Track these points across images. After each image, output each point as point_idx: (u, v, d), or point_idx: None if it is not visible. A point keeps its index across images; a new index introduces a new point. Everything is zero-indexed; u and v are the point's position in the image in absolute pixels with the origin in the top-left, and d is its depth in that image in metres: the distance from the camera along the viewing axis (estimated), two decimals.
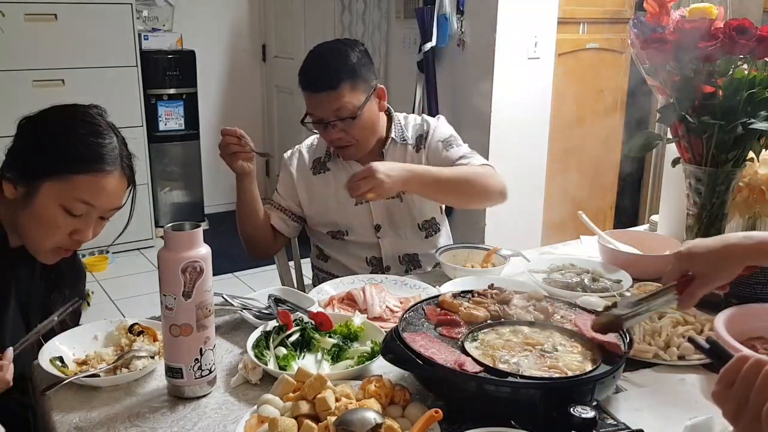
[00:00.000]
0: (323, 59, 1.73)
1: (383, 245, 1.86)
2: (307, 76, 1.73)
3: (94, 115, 1.33)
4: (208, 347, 1.14)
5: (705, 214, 1.56)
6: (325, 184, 1.86)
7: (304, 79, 1.73)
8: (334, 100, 1.68)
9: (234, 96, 5.12)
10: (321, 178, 1.87)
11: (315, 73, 1.71)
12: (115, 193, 1.31)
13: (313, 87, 1.71)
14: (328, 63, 1.71)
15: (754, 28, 1.41)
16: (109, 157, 1.28)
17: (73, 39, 3.93)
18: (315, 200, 1.87)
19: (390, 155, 1.84)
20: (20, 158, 1.29)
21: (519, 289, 1.35)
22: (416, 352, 1.06)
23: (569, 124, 3.46)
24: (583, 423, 0.94)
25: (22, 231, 1.29)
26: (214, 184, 5.06)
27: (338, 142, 1.75)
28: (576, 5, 3.38)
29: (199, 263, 1.09)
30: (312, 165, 1.88)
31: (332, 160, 1.87)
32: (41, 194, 1.25)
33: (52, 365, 1.18)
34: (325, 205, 1.86)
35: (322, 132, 1.76)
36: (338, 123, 1.71)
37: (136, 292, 3.73)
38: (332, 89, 1.68)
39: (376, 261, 1.87)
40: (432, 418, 0.96)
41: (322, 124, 1.73)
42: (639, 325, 1.29)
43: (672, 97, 1.54)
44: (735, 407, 0.74)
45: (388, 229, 1.87)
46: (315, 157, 1.89)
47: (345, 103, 1.69)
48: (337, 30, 4.10)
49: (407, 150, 1.86)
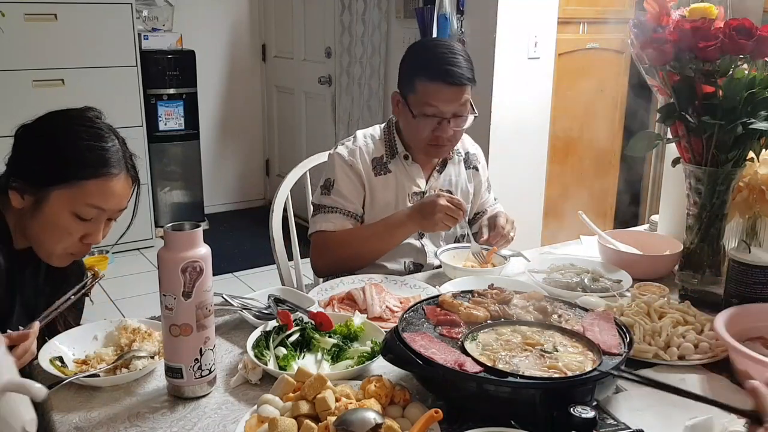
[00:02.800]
0: (457, 53, 1.71)
1: (428, 252, 1.85)
2: (445, 67, 1.68)
3: (93, 118, 1.34)
4: (208, 347, 1.14)
5: (705, 214, 1.55)
6: (385, 185, 1.82)
7: (440, 69, 1.68)
8: (464, 95, 1.70)
9: (234, 96, 5.12)
10: (382, 180, 1.82)
11: (454, 66, 1.68)
12: (123, 194, 1.32)
13: (452, 79, 1.67)
14: (462, 57, 1.71)
15: (754, 28, 1.41)
16: (114, 160, 1.29)
17: (73, 39, 3.93)
18: (375, 202, 1.82)
19: (450, 166, 1.90)
20: (25, 167, 1.29)
21: (519, 289, 1.36)
22: (416, 352, 1.06)
23: (569, 124, 3.46)
24: (583, 423, 0.94)
25: (33, 238, 1.30)
26: (214, 184, 5.07)
27: (446, 141, 1.74)
28: (576, 5, 3.38)
29: (199, 263, 1.09)
30: (372, 166, 1.82)
31: (395, 160, 1.83)
32: (51, 202, 1.26)
33: (52, 365, 1.18)
34: (383, 208, 1.81)
35: (435, 128, 1.72)
36: (453, 120, 1.72)
37: (136, 292, 3.73)
38: (467, 84, 1.70)
39: (416, 266, 1.85)
40: (432, 418, 0.96)
41: (440, 119, 1.71)
42: (639, 325, 1.29)
43: (672, 97, 1.54)
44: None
45: (429, 236, 1.87)
46: (374, 157, 1.83)
47: (467, 100, 1.72)
48: (337, 30, 4.10)
49: (461, 165, 1.93)
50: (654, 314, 1.34)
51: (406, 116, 1.76)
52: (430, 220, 1.64)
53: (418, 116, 1.71)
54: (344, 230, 1.76)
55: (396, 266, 1.82)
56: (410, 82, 1.73)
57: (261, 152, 5.37)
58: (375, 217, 1.80)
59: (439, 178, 1.87)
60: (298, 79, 4.73)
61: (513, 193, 2.93)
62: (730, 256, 1.46)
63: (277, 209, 2.02)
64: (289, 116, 4.93)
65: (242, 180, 5.33)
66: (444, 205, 1.62)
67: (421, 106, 1.70)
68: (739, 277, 1.38)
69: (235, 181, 5.30)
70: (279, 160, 5.24)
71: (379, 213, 1.79)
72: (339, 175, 1.79)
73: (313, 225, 1.80)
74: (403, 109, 1.76)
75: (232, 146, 5.22)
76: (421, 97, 1.70)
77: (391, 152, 1.83)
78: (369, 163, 1.81)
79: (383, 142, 1.84)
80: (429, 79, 1.68)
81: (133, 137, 4.28)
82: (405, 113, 1.76)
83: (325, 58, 4.35)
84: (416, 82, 1.71)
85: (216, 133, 5.11)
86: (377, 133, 1.87)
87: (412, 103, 1.72)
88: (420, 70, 1.71)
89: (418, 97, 1.71)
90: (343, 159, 1.80)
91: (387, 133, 1.85)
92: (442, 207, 1.62)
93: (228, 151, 5.21)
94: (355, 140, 1.85)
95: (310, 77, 4.51)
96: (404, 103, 1.76)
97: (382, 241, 1.74)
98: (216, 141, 5.12)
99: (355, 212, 1.80)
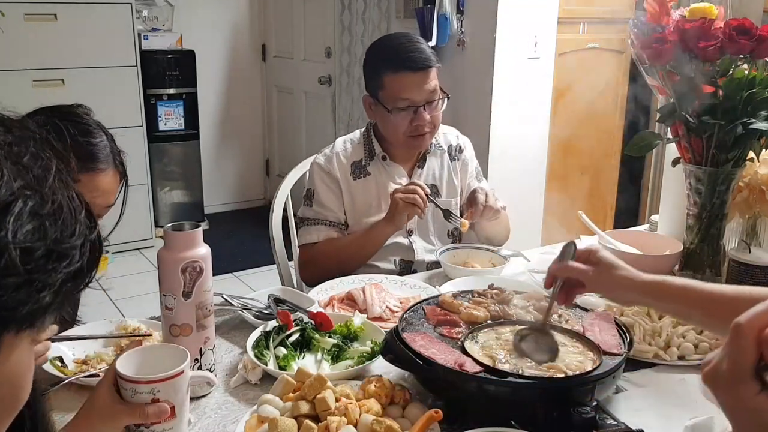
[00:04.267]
0: (414, 41, 1.75)
1: (416, 249, 1.86)
2: (406, 55, 1.70)
3: (82, 114, 1.34)
4: (208, 347, 1.14)
5: (705, 214, 1.55)
6: (365, 188, 1.83)
7: (401, 58, 1.71)
8: (430, 80, 1.72)
9: (234, 96, 5.12)
10: (361, 183, 1.83)
11: (414, 53, 1.71)
12: (111, 190, 1.32)
13: (413, 65, 1.70)
14: (421, 44, 1.74)
15: (754, 28, 1.41)
16: (101, 155, 1.29)
17: (72, 39, 3.93)
18: (357, 206, 1.83)
19: (431, 159, 1.88)
20: None
21: (519, 289, 1.36)
22: (416, 352, 1.06)
23: (569, 124, 3.46)
24: (583, 423, 0.94)
25: None
26: (214, 184, 5.07)
27: (425, 129, 1.75)
28: (576, 5, 3.37)
29: (199, 263, 1.09)
30: (351, 170, 1.83)
31: (374, 162, 1.84)
32: None
33: (52, 365, 1.18)
34: (366, 211, 1.83)
35: (412, 118, 1.73)
36: (427, 106, 1.73)
37: (136, 292, 3.73)
38: (429, 68, 1.71)
39: (405, 264, 1.85)
40: (432, 418, 0.96)
41: (414, 107, 1.72)
42: (639, 325, 1.29)
43: (672, 97, 1.54)
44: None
45: (418, 234, 1.87)
46: (353, 161, 1.84)
47: (435, 85, 1.73)
48: (337, 30, 4.10)
49: (444, 158, 1.91)
50: (654, 314, 1.34)
51: (381, 115, 1.77)
52: (396, 216, 1.68)
53: (393, 110, 1.73)
54: (328, 240, 1.79)
55: (387, 265, 1.83)
56: (377, 79, 1.75)
57: (261, 152, 5.37)
58: (358, 220, 1.83)
59: (422, 173, 1.87)
60: (298, 79, 4.73)
61: (513, 193, 2.93)
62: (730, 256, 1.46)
63: (277, 209, 2.02)
64: (289, 116, 4.93)
65: (242, 180, 5.33)
66: (399, 196, 1.66)
67: (394, 100, 1.72)
68: (739, 277, 1.38)
69: (235, 181, 5.30)
70: (279, 160, 5.24)
71: (362, 216, 1.82)
72: (318, 184, 1.82)
73: (299, 239, 1.85)
74: (377, 108, 1.78)
75: (232, 146, 5.22)
76: (391, 91, 1.72)
77: (370, 154, 1.85)
78: (348, 167, 1.83)
79: (362, 145, 1.86)
80: (394, 71, 1.71)
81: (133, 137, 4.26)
82: (380, 112, 1.77)
83: (325, 58, 4.35)
84: (383, 77, 1.73)
85: (216, 133, 5.10)
86: (356, 137, 1.89)
87: (385, 100, 1.74)
88: (383, 64, 1.73)
89: (387, 92, 1.73)
90: (320, 167, 1.83)
91: (366, 136, 1.87)
92: (398, 197, 1.66)
93: (228, 151, 5.21)
94: (333, 147, 1.87)
95: (310, 77, 4.51)
96: (376, 102, 1.77)
97: (364, 248, 1.77)
98: (216, 141, 5.12)
99: (337, 221, 1.82)
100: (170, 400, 0.96)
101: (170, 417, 0.97)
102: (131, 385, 0.95)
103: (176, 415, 0.97)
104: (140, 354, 1.03)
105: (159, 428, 0.96)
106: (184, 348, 1.02)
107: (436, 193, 1.89)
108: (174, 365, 0.97)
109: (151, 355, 1.03)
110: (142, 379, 0.95)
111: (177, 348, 1.03)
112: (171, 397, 0.96)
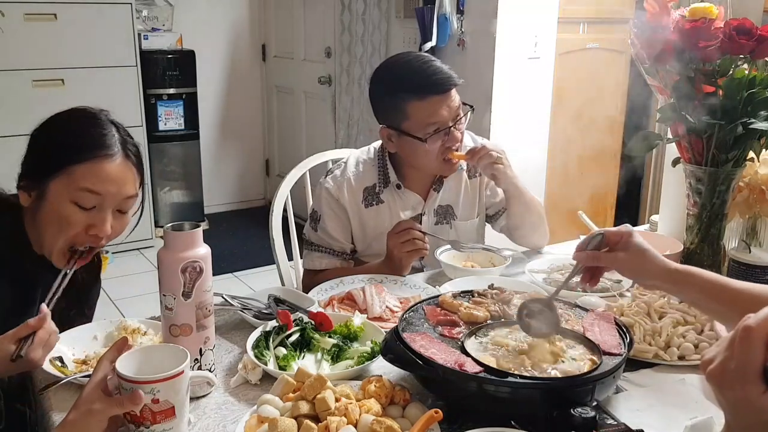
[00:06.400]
0: (429, 61, 1.64)
1: None
2: (430, 79, 1.61)
3: (95, 110, 1.34)
4: (208, 347, 1.14)
5: (705, 214, 1.55)
6: (377, 216, 1.75)
7: (426, 83, 1.61)
8: (454, 97, 1.64)
9: (234, 96, 5.12)
10: (373, 211, 1.75)
11: (437, 74, 1.61)
12: (121, 179, 1.28)
13: (440, 88, 1.61)
14: (436, 62, 1.65)
15: (754, 28, 1.41)
16: (108, 142, 1.28)
17: (72, 39, 3.93)
18: (367, 234, 1.76)
19: (447, 181, 1.79)
20: (27, 164, 1.31)
21: (519, 289, 1.36)
22: (416, 352, 1.06)
23: (569, 124, 3.46)
24: (583, 423, 0.94)
25: (40, 234, 1.30)
26: (214, 184, 5.07)
27: (456, 149, 1.67)
28: (576, 5, 3.38)
29: (199, 263, 1.09)
30: (363, 196, 1.75)
31: (387, 190, 1.75)
32: (50, 194, 1.25)
33: (52, 365, 1.18)
34: (377, 237, 1.74)
35: (443, 140, 1.64)
36: (456, 124, 1.65)
37: (136, 292, 3.73)
38: (454, 86, 1.63)
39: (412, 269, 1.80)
40: (432, 419, 0.96)
41: (446, 129, 1.63)
42: (639, 325, 1.29)
43: (672, 97, 1.54)
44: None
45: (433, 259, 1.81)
46: (365, 186, 1.75)
47: (459, 100, 1.66)
48: (337, 30, 4.10)
49: (462, 176, 1.82)
50: (654, 314, 1.34)
51: (410, 145, 1.65)
52: (403, 270, 1.62)
53: (427, 138, 1.62)
54: (332, 270, 1.73)
55: None
56: (399, 110, 1.63)
57: (261, 152, 5.37)
58: (368, 246, 1.78)
59: (437, 197, 1.80)
60: (298, 79, 4.73)
61: None
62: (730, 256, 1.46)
63: (277, 209, 2.02)
64: (289, 116, 4.93)
65: (242, 180, 5.33)
66: (395, 243, 1.59)
67: (425, 127, 1.62)
68: (739, 277, 1.38)
69: (235, 181, 5.30)
70: (279, 160, 5.24)
71: (371, 243, 1.78)
72: (325, 210, 1.75)
73: (303, 260, 1.82)
74: (402, 139, 1.66)
75: (232, 146, 5.22)
76: (419, 119, 1.62)
77: (384, 181, 1.76)
78: (360, 193, 1.75)
79: (376, 168, 1.77)
80: (420, 98, 1.60)
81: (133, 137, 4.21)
82: (407, 143, 1.66)
83: (325, 58, 4.35)
84: (407, 107, 1.62)
85: (216, 133, 5.10)
86: (370, 156, 1.79)
87: (413, 129, 1.63)
88: (405, 93, 1.62)
89: (415, 121, 1.62)
90: (329, 193, 1.74)
91: (380, 158, 1.77)
92: (395, 244, 1.59)
93: (228, 151, 5.21)
94: (345, 170, 1.77)
95: (310, 77, 4.51)
96: (399, 133, 1.66)
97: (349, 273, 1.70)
98: (216, 141, 5.12)
99: (342, 250, 1.77)
100: (170, 400, 0.96)
101: (170, 417, 0.97)
102: (131, 385, 0.95)
103: (176, 415, 0.98)
104: (140, 354, 1.03)
105: (159, 428, 0.96)
106: (184, 348, 1.02)
107: (452, 214, 1.82)
108: (174, 365, 0.97)
109: (151, 355, 1.03)
110: (142, 379, 0.95)
111: (177, 348, 1.03)
112: (171, 397, 0.96)
